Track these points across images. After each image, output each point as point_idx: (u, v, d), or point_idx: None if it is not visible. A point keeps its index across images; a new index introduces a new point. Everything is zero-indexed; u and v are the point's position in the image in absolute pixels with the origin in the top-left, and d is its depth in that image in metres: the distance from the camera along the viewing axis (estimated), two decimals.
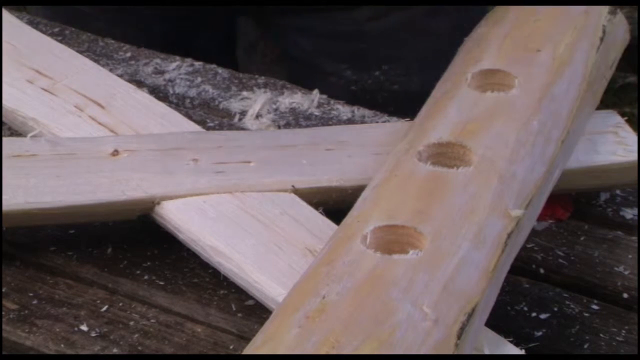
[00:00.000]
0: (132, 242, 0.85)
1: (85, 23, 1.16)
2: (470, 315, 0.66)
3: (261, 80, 1.04)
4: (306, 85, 1.06)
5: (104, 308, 0.79)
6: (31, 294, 0.80)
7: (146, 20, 1.23)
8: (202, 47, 1.24)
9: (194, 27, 1.25)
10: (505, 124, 0.81)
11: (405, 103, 1.15)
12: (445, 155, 0.79)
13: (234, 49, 1.36)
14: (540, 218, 0.85)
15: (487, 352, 0.70)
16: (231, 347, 0.76)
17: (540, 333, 0.79)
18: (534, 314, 0.80)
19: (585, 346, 0.78)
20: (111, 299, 0.80)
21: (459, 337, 0.64)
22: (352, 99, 1.04)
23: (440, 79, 0.86)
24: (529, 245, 0.86)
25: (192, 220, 0.80)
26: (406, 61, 1.22)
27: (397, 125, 0.94)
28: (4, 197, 0.80)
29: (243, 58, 1.37)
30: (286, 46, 1.28)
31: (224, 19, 1.25)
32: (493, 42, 0.90)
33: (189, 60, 1.06)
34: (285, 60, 1.32)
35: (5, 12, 1.03)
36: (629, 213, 0.91)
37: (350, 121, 0.99)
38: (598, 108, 0.91)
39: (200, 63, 1.06)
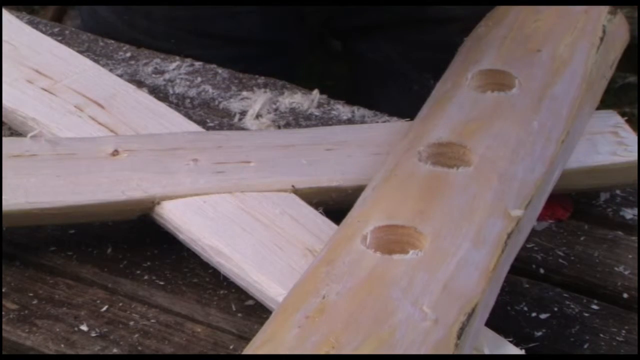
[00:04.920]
0: (132, 242, 0.85)
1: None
2: (470, 315, 0.66)
3: (261, 80, 1.04)
4: (376, 88, 1.04)
5: (104, 308, 0.79)
6: (31, 294, 0.80)
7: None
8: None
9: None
10: (505, 124, 0.81)
11: None
12: (445, 155, 0.79)
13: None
14: (540, 218, 0.85)
15: (487, 352, 0.70)
16: (231, 347, 0.76)
17: (540, 333, 0.79)
18: (534, 314, 0.80)
19: (585, 346, 0.78)
20: (111, 299, 0.80)
21: (459, 337, 0.64)
22: None
23: None
24: (529, 245, 0.86)
25: (192, 220, 0.80)
26: None
27: (397, 125, 0.94)
28: (4, 197, 0.80)
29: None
30: (360, 48, 1.26)
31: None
32: (493, 42, 0.90)
33: (188, 61, 1.06)
34: (350, 59, 1.30)
35: (5, 12, 1.03)
36: (629, 213, 0.91)
37: (350, 121, 0.99)
38: (598, 108, 0.91)
39: (200, 63, 1.06)
